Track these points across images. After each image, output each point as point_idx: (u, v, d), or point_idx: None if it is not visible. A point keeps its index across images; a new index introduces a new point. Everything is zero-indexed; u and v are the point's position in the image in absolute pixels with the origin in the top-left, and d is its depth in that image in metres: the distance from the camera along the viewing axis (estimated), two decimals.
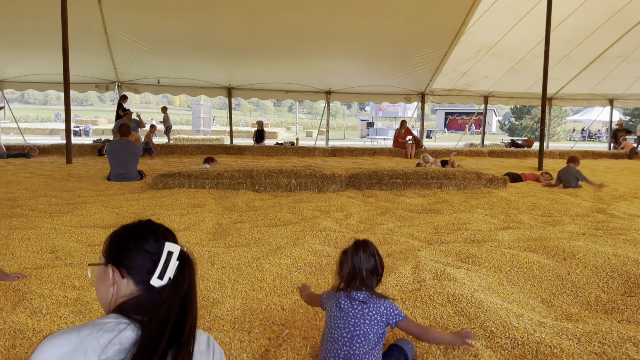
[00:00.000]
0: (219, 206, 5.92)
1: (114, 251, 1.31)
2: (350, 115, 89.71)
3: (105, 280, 1.29)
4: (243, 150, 14.65)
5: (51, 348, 1.11)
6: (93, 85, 15.19)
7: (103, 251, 1.35)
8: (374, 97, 17.58)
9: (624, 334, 2.41)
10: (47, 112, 58.40)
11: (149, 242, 1.29)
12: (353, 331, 1.95)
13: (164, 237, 1.30)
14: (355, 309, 1.99)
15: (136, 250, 1.28)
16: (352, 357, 1.91)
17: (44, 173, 8.54)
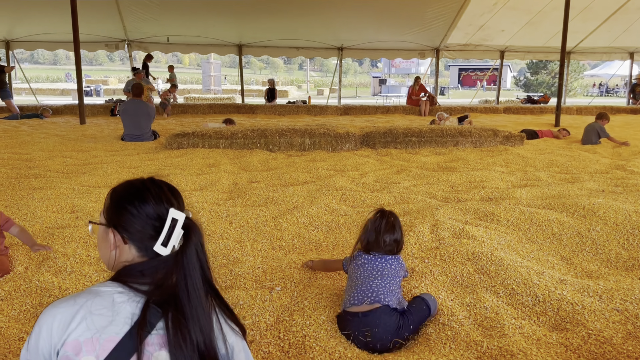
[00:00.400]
0: (234, 166, 5.92)
1: (114, 213, 1.22)
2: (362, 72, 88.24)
3: (107, 242, 1.22)
4: (255, 109, 14.54)
5: (50, 316, 1.09)
6: (102, 44, 15.01)
7: (104, 209, 1.25)
8: (387, 53, 17.20)
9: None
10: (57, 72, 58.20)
11: (151, 207, 1.19)
12: (381, 270, 2.15)
13: (168, 202, 1.20)
14: (377, 259, 2.20)
15: (137, 216, 1.19)
16: (383, 289, 2.06)
17: (59, 133, 8.57)
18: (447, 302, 2.31)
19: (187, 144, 6.96)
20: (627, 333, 2.06)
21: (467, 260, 2.74)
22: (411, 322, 2.05)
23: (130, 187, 1.24)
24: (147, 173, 5.22)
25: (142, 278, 1.16)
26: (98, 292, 1.13)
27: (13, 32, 14.58)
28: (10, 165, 5.55)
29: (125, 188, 1.24)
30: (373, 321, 1.97)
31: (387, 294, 2.06)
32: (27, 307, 2.25)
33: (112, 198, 1.24)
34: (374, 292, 2.05)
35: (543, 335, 2.05)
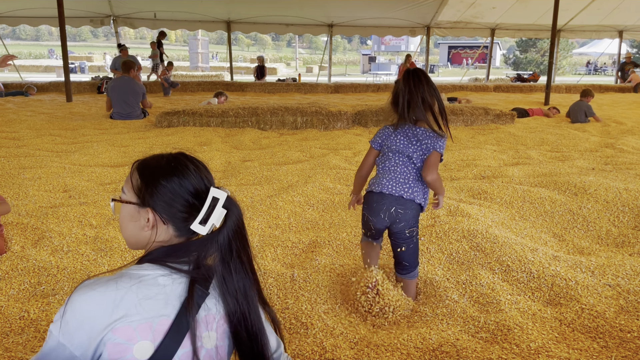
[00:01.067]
0: (225, 144, 5.89)
1: (151, 192, 1.11)
2: (351, 49, 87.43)
3: (139, 221, 1.13)
4: (244, 87, 14.39)
5: (87, 302, 1.00)
6: (87, 19, 14.68)
7: (132, 186, 1.14)
8: (377, 30, 17.04)
9: (636, 266, 2.46)
10: (39, 48, 56.89)
11: (192, 184, 1.12)
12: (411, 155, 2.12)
13: (207, 179, 1.15)
14: (407, 135, 2.13)
15: (179, 194, 1.11)
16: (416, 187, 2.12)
17: (45, 112, 8.43)
18: (443, 279, 2.35)
19: (178, 122, 6.90)
20: (619, 307, 2.11)
21: (462, 237, 2.78)
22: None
23: (166, 162, 1.15)
24: (139, 152, 5.19)
25: (182, 258, 1.11)
26: (141, 277, 1.06)
27: None
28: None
29: (159, 164, 1.15)
30: (407, 206, 2.09)
31: (419, 190, 2.12)
32: (25, 287, 2.24)
33: (144, 174, 1.14)
34: (410, 187, 2.10)
35: (538, 310, 2.10)
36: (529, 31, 17.69)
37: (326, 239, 2.83)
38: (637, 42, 35.59)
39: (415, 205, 2.12)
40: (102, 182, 4.10)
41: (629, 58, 17.70)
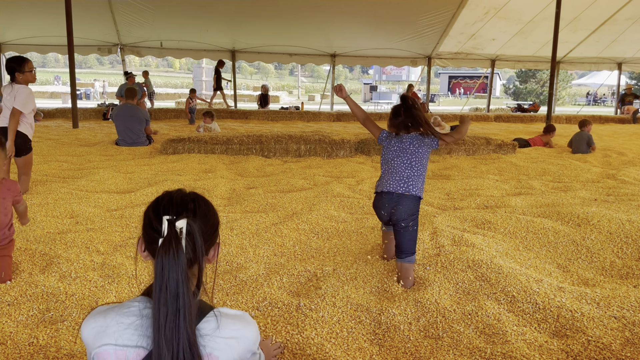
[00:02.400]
0: (230, 172, 5.94)
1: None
2: (353, 78, 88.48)
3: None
4: (248, 114, 14.57)
5: (85, 328, 1.20)
6: (95, 47, 14.95)
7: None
8: (379, 61, 17.33)
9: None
10: (46, 75, 57.66)
11: (154, 211, 1.23)
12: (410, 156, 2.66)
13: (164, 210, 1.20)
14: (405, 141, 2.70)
15: (145, 220, 1.25)
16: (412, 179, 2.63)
17: (52, 137, 8.53)
18: (449, 309, 2.36)
19: (183, 149, 6.97)
20: (625, 340, 2.12)
21: (467, 267, 2.79)
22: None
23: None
24: (144, 178, 5.25)
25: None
26: (129, 307, 1.20)
27: (5, 35, 14.49)
28: None
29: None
30: (401, 201, 2.60)
31: (416, 182, 2.63)
32: (34, 312, 2.25)
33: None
34: (405, 182, 2.62)
35: (545, 341, 2.10)
36: (528, 62, 17.98)
37: (331, 267, 2.85)
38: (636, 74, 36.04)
39: (413, 198, 2.62)
40: (109, 208, 4.14)
41: (629, 89, 17.92)
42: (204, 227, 1.24)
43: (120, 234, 3.39)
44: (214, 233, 1.30)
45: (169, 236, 1.16)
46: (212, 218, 1.30)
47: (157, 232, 1.19)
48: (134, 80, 13.25)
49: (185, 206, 1.22)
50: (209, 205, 1.30)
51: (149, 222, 1.22)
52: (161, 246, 1.15)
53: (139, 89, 12.34)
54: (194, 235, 1.19)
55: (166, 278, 1.13)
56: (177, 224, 1.17)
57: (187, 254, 1.17)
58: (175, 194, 1.26)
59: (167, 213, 1.19)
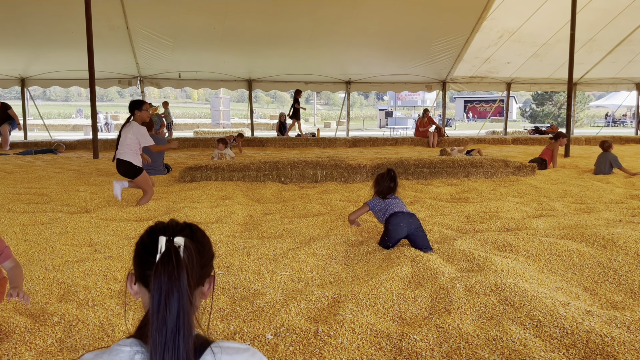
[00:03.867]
0: (247, 198, 5.95)
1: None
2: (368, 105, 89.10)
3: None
4: (264, 142, 14.68)
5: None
6: (116, 80, 15.34)
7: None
8: (394, 86, 17.43)
9: None
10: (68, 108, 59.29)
11: (148, 236, 1.14)
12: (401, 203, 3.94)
13: (160, 232, 1.12)
14: (394, 199, 3.96)
15: (138, 248, 1.15)
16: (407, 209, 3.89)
17: (73, 168, 8.67)
18: (473, 335, 2.28)
19: (200, 176, 7.02)
20: None
21: (490, 291, 2.71)
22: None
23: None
24: (162, 206, 5.28)
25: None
26: (118, 352, 1.07)
27: (28, 70, 14.96)
28: (27, 200, 5.61)
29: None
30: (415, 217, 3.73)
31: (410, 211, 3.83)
32: (51, 342, 2.24)
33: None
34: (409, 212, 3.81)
35: None
36: (545, 85, 17.91)
37: (350, 292, 2.79)
38: None
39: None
40: (127, 236, 4.15)
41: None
42: (201, 252, 1.14)
43: None
44: (209, 263, 1.20)
45: (167, 251, 1.06)
46: (208, 245, 1.21)
47: (152, 254, 1.08)
48: (154, 111, 13.52)
49: (182, 229, 1.15)
50: (204, 233, 1.21)
51: (141, 247, 1.13)
52: (159, 262, 1.04)
53: (158, 119, 12.60)
54: (192, 256, 1.09)
55: (164, 298, 1.02)
56: (175, 240, 1.08)
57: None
58: (169, 221, 1.18)
59: (164, 234, 1.10)
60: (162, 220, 1.19)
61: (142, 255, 1.12)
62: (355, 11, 12.46)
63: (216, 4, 11.78)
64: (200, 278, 1.14)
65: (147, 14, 12.07)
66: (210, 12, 12.13)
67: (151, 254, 1.08)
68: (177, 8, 11.87)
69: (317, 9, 12.31)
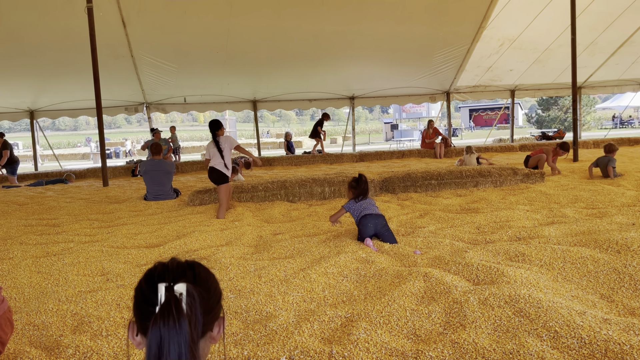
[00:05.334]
0: (256, 219, 5.96)
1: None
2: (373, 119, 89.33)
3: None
4: (272, 161, 14.73)
5: None
6: (122, 108, 15.54)
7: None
8: (398, 99, 17.49)
9: None
10: (77, 138, 60.10)
11: (147, 282, 1.06)
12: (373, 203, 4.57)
13: (159, 278, 1.05)
14: (367, 200, 4.55)
15: (137, 297, 1.08)
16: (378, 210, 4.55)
17: (83, 197, 8.75)
18: (489, 349, 2.25)
19: (209, 199, 7.05)
20: None
21: (504, 303, 2.68)
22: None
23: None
24: (173, 231, 5.29)
25: None
26: None
27: (37, 102, 15.20)
28: (39, 232, 5.66)
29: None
30: (381, 217, 4.44)
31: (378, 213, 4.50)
32: None
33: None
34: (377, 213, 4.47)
35: None
36: (549, 90, 17.87)
37: (362, 311, 2.77)
38: None
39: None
40: (138, 263, 4.16)
41: None
42: (206, 295, 1.07)
43: None
44: (217, 304, 1.12)
45: (167, 301, 0.99)
46: (214, 286, 1.13)
47: (152, 304, 1.01)
48: (160, 136, 13.65)
49: (183, 273, 1.07)
50: (209, 273, 1.14)
51: (141, 296, 1.05)
52: (158, 314, 0.98)
53: (165, 144, 12.73)
54: (195, 304, 1.02)
55: (166, 352, 0.95)
56: (176, 288, 1.02)
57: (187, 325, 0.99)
58: (169, 262, 1.10)
59: (163, 280, 1.03)
60: (162, 262, 1.11)
61: (142, 305, 1.05)
62: (355, 27, 12.57)
63: (218, 28, 11.94)
64: (207, 325, 1.08)
65: (151, 41, 12.26)
66: (213, 36, 12.30)
67: (151, 303, 1.02)
68: (179, 34, 12.05)
69: (317, 27, 12.43)
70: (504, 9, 12.60)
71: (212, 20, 11.64)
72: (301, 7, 11.67)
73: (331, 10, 11.80)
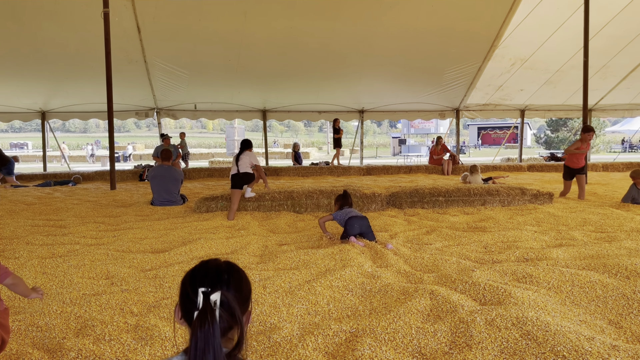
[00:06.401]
0: (262, 228, 5.95)
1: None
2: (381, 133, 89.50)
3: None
4: (279, 171, 14.76)
5: None
6: (133, 112, 15.64)
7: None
8: (407, 115, 17.51)
9: None
10: (87, 140, 60.53)
11: (190, 283, 1.30)
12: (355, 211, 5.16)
13: (200, 282, 1.29)
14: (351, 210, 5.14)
15: (182, 290, 1.32)
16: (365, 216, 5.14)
17: (90, 199, 8.78)
18: None
19: (216, 207, 7.05)
20: None
21: (512, 325, 2.64)
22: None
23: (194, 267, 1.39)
24: (179, 237, 5.29)
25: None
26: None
27: (49, 104, 15.34)
28: (45, 232, 5.68)
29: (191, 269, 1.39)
30: (365, 219, 5.02)
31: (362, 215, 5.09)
32: None
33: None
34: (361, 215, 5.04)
35: None
36: (559, 111, 17.83)
37: (368, 327, 2.75)
38: None
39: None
40: (143, 268, 4.16)
41: None
42: (238, 296, 1.31)
43: (154, 295, 3.38)
44: (245, 302, 1.37)
45: (204, 309, 1.24)
46: (245, 287, 1.37)
47: (192, 303, 1.27)
48: (169, 142, 13.72)
49: (219, 277, 1.30)
50: (242, 275, 1.38)
51: (185, 292, 1.30)
52: (197, 319, 1.23)
53: (174, 150, 12.77)
54: (229, 305, 1.27)
55: (201, 351, 1.21)
56: (211, 297, 1.25)
57: (221, 324, 1.25)
58: (210, 264, 1.34)
59: (203, 285, 1.27)
60: (205, 262, 1.36)
61: (185, 300, 1.29)
62: (368, 42, 12.64)
63: (231, 37, 12.04)
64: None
65: (164, 47, 12.37)
66: (226, 45, 12.40)
67: (192, 301, 1.27)
68: (193, 41, 12.16)
69: (330, 41, 12.51)
70: (517, 29, 12.62)
71: (225, 29, 11.74)
72: (315, 21, 11.76)
73: (345, 25, 11.88)
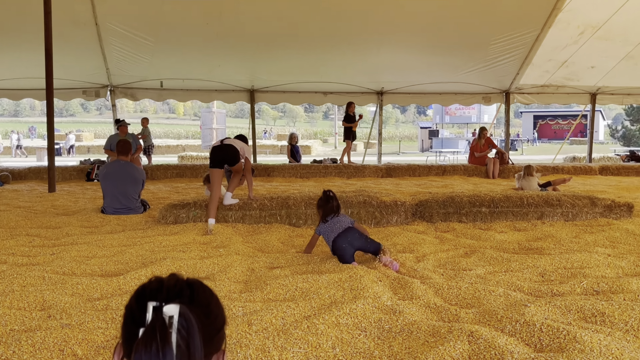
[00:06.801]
0: (247, 246, 5.97)
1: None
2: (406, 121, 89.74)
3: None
4: (270, 170, 14.76)
5: None
6: (80, 91, 15.72)
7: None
8: (440, 98, 17.52)
9: None
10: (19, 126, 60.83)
11: (137, 300, 1.16)
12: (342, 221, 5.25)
13: (151, 296, 1.14)
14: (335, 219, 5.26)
15: (126, 316, 1.18)
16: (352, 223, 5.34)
17: (22, 205, 8.83)
18: None
19: (187, 217, 7.08)
20: None
21: None
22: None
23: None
24: (138, 256, 5.34)
25: None
26: None
27: None
28: None
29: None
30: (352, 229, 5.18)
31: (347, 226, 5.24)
32: None
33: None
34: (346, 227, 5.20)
35: None
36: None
37: None
38: None
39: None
40: (90, 297, 4.17)
41: None
42: (205, 321, 1.15)
43: (104, 332, 3.38)
44: (217, 333, 1.20)
45: (152, 324, 1.07)
46: (216, 311, 1.21)
47: (139, 325, 1.10)
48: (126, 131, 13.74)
49: (179, 292, 1.16)
50: (212, 295, 1.23)
51: (129, 314, 1.15)
52: (140, 338, 1.06)
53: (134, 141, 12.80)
54: (190, 330, 1.09)
55: None
56: (165, 309, 1.09)
57: (178, 355, 1.06)
58: (167, 277, 1.20)
59: (155, 299, 1.12)
60: (160, 276, 1.20)
61: (129, 325, 1.13)
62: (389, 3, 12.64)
63: None
64: (205, 354, 1.13)
65: (122, 6, 12.40)
66: (203, 4, 12.41)
67: (139, 324, 1.10)
68: None
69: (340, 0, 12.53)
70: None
71: None
72: None
73: None
